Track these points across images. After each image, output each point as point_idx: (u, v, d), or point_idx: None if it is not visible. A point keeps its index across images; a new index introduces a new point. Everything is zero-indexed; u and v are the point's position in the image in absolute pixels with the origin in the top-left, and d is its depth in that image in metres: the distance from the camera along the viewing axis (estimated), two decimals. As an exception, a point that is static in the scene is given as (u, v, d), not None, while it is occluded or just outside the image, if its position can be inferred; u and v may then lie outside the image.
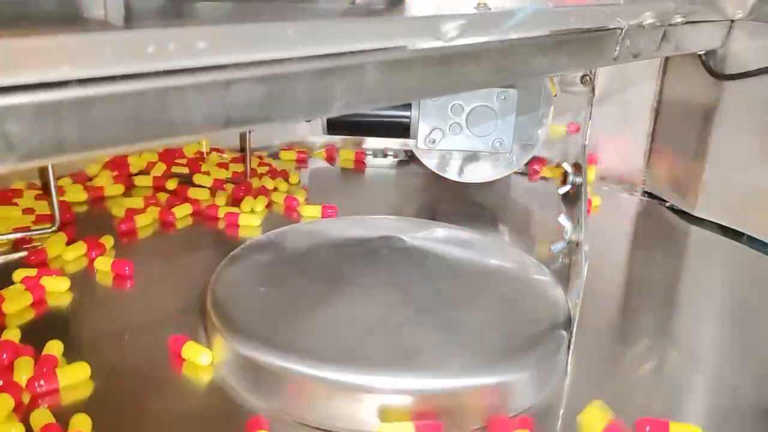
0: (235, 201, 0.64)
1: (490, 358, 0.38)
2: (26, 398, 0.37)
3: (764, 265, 0.58)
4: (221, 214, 0.61)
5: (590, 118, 0.70)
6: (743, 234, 0.62)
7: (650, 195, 0.71)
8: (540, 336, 0.40)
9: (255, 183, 0.67)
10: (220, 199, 0.64)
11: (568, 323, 0.42)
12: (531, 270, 0.48)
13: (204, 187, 0.66)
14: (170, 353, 0.41)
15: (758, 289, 0.54)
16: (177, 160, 0.71)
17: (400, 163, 0.78)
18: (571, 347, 0.42)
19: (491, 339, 0.40)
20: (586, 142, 0.70)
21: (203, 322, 0.44)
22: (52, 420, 0.35)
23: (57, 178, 0.64)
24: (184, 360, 0.41)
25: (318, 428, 0.36)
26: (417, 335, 0.39)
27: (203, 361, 0.40)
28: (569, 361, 0.42)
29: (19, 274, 0.48)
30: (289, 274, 0.46)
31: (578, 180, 0.64)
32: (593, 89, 0.70)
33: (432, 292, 0.44)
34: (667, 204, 0.69)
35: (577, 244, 0.52)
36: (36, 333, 0.42)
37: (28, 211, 0.59)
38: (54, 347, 0.40)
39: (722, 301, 0.51)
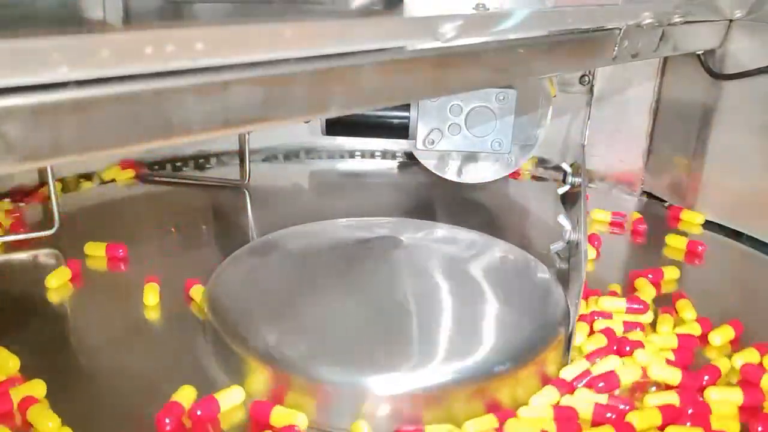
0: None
1: (490, 357, 0.38)
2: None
3: (764, 265, 0.58)
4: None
5: (589, 118, 0.70)
6: (742, 234, 0.62)
7: (649, 195, 0.71)
8: (540, 335, 0.40)
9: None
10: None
11: (567, 321, 0.42)
12: (531, 269, 0.48)
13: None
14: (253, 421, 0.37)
15: (758, 290, 0.54)
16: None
17: (401, 164, 0.78)
18: (571, 346, 0.42)
19: (491, 338, 0.40)
20: (585, 143, 0.70)
21: (202, 323, 0.44)
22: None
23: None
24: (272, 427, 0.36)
25: (317, 429, 0.36)
26: (417, 335, 0.40)
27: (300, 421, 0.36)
28: (569, 360, 0.42)
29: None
30: (289, 275, 0.46)
31: (577, 180, 0.64)
32: (592, 89, 0.70)
33: (432, 292, 0.44)
34: (666, 204, 0.69)
35: (577, 244, 0.52)
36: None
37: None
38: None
39: (722, 302, 0.51)
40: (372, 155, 0.79)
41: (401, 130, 0.62)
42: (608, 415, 0.37)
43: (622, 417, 0.37)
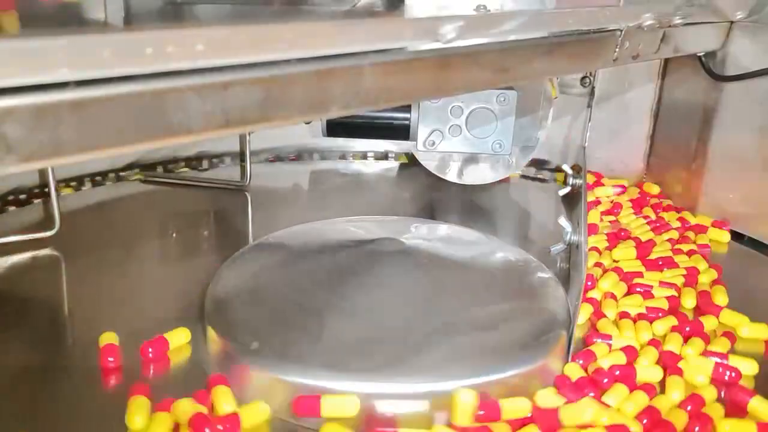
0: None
1: (490, 358, 0.38)
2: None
3: (766, 267, 0.58)
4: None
5: (590, 120, 0.70)
6: (744, 236, 0.62)
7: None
8: (540, 335, 0.40)
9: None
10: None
11: (568, 323, 0.42)
12: (532, 269, 0.48)
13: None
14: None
15: (760, 292, 0.54)
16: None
17: (401, 164, 0.78)
18: (571, 347, 0.42)
19: (491, 339, 0.40)
20: (586, 144, 0.70)
21: (202, 325, 0.44)
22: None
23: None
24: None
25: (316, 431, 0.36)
26: (417, 336, 0.39)
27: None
28: (569, 361, 0.41)
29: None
30: (289, 275, 0.46)
31: (578, 181, 0.64)
32: (593, 91, 0.70)
33: (432, 292, 0.44)
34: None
35: (577, 246, 0.52)
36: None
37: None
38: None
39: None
40: (375, 156, 0.79)
41: (402, 132, 0.62)
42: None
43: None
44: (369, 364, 0.37)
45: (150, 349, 0.40)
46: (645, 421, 0.36)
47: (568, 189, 0.64)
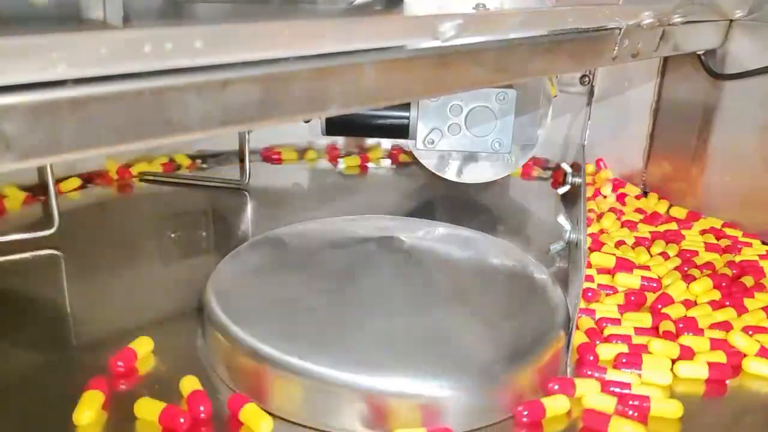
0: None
1: (488, 358, 0.38)
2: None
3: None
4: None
5: (589, 118, 0.70)
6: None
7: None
8: (539, 336, 0.40)
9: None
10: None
11: (567, 323, 0.42)
12: (530, 269, 0.48)
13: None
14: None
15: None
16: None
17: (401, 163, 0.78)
18: (570, 347, 0.42)
19: (490, 339, 0.40)
20: (585, 142, 0.70)
21: (201, 320, 0.44)
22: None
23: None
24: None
25: (315, 428, 0.36)
26: (416, 335, 0.39)
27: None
28: (568, 362, 0.42)
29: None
30: (288, 273, 0.46)
31: (577, 180, 0.64)
32: (592, 89, 0.70)
33: (431, 291, 0.44)
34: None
35: (577, 244, 0.52)
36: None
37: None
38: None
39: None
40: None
41: (401, 130, 0.62)
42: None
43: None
44: (367, 362, 0.37)
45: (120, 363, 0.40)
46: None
47: (567, 187, 0.64)
